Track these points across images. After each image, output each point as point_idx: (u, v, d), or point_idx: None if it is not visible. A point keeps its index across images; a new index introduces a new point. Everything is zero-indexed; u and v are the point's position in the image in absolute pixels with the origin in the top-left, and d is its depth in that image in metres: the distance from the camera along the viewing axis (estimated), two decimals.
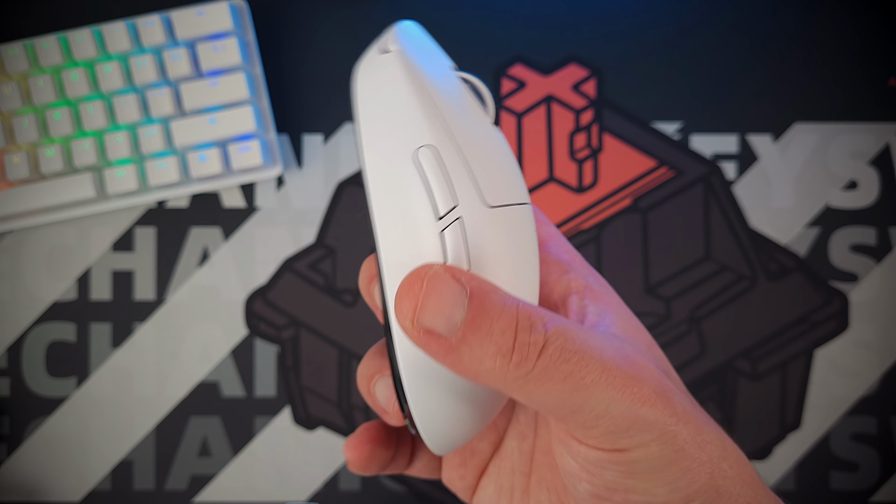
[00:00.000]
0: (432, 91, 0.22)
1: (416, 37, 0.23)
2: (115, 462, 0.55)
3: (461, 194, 0.21)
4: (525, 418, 0.28)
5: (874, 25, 0.56)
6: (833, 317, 0.56)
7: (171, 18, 0.53)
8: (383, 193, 0.21)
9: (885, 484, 0.55)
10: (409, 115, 0.21)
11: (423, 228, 0.21)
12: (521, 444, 0.27)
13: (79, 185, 0.54)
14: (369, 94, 0.22)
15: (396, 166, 0.21)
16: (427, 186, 0.21)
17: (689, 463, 0.22)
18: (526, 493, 0.27)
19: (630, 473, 0.22)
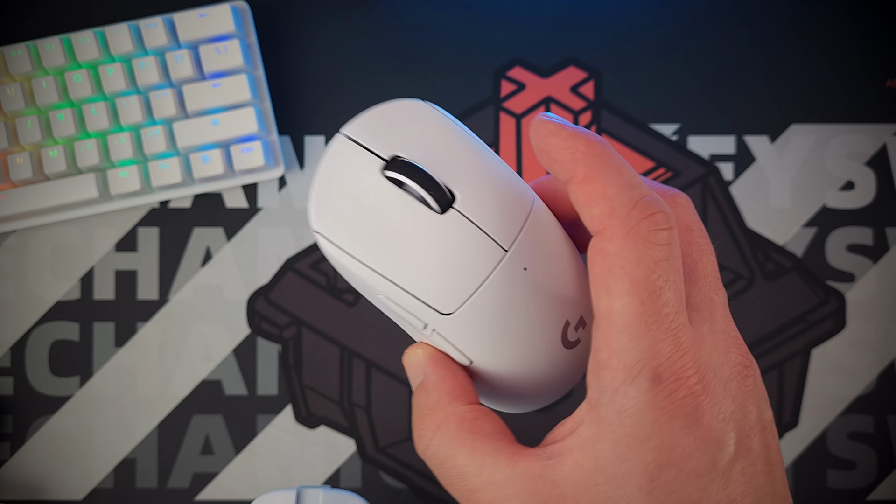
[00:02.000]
0: (361, 245, 0.23)
1: (335, 177, 0.24)
2: (117, 460, 0.56)
3: (422, 318, 0.24)
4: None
5: (871, 27, 0.57)
6: (830, 316, 0.56)
7: (174, 20, 0.54)
8: (390, 317, 0.26)
9: (882, 482, 0.55)
10: (355, 276, 0.24)
11: (422, 337, 0.25)
12: None
13: (82, 185, 0.54)
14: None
15: (378, 305, 0.25)
16: (399, 317, 0.25)
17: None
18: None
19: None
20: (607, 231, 0.22)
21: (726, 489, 0.21)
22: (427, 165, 0.23)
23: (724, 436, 0.21)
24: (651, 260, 0.21)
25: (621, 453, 0.21)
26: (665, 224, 0.22)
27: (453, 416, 0.24)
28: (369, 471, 0.56)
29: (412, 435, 0.25)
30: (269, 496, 0.42)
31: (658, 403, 0.21)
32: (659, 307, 0.21)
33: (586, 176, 0.22)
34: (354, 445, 0.56)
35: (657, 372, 0.21)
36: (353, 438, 0.56)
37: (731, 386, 0.22)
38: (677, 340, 0.21)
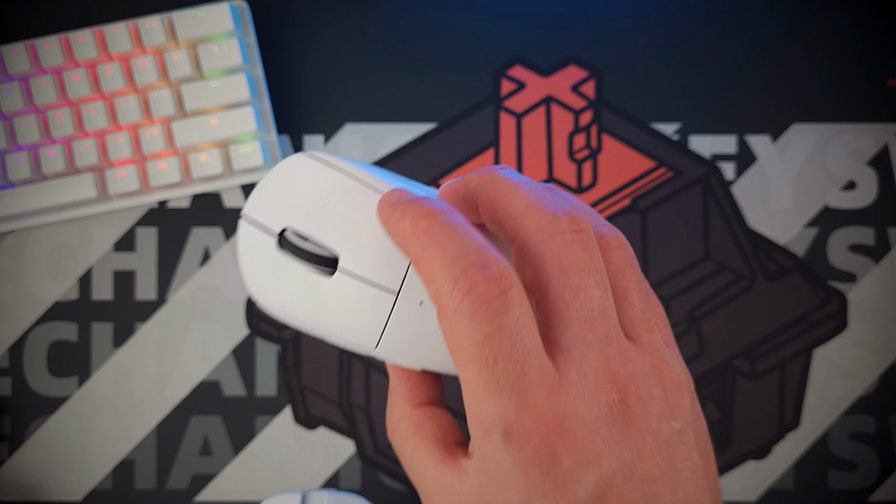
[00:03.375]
0: (290, 310, 0.27)
1: (249, 255, 0.27)
2: (116, 461, 0.56)
3: (360, 351, 0.27)
4: None
5: (873, 26, 0.56)
6: (831, 316, 0.56)
7: (173, 19, 0.54)
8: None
9: (884, 483, 0.55)
10: (301, 329, 0.28)
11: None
12: None
13: (80, 185, 0.54)
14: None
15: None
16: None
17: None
18: None
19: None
20: (439, 311, 0.23)
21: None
22: (311, 229, 0.26)
23: (583, 478, 0.22)
24: (479, 336, 0.22)
25: (492, 491, 0.23)
26: (493, 291, 0.22)
27: (403, 416, 0.27)
28: (369, 472, 0.56)
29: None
30: (275, 500, 0.42)
31: (511, 456, 0.22)
32: (496, 377, 0.22)
33: (416, 259, 0.23)
34: (354, 446, 0.56)
35: (507, 430, 0.22)
36: (353, 439, 0.56)
37: (601, 426, 0.22)
38: (524, 400, 0.22)
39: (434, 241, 0.23)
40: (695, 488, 0.23)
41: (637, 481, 0.22)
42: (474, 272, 0.22)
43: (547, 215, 0.24)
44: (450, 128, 0.57)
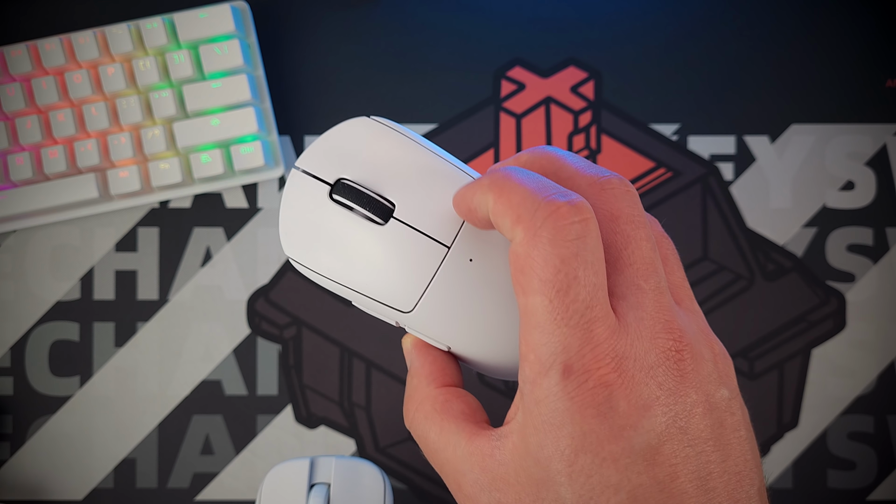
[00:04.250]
0: (324, 263, 0.27)
1: (294, 206, 0.27)
2: (117, 460, 0.56)
3: (390, 317, 0.27)
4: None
5: (871, 27, 0.57)
6: (830, 316, 0.56)
7: (174, 20, 0.54)
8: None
9: (883, 482, 0.56)
10: (329, 288, 0.27)
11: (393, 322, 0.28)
12: None
13: (82, 185, 0.54)
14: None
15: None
16: (375, 316, 0.28)
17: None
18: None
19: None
20: (517, 236, 0.23)
21: (652, 471, 0.22)
22: (369, 181, 0.26)
23: (640, 422, 0.22)
24: (557, 258, 0.22)
25: (541, 440, 0.22)
26: (573, 217, 0.22)
27: (428, 398, 0.26)
28: None
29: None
30: (283, 466, 0.42)
31: (568, 394, 0.22)
32: (567, 304, 0.22)
33: (495, 199, 0.24)
34: (354, 445, 0.56)
35: (567, 365, 0.22)
36: (353, 438, 0.56)
37: (658, 372, 0.22)
38: (588, 335, 0.22)
39: (514, 181, 0.23)
40: (744, 462, 0.23)
41: (689, 439, 0.22)
42: (557, 198, 0.22)
43: (597, 174, 0.25)
44: (450, 128, 0.57)
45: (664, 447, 0.22)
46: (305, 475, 0.42)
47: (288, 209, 0.27)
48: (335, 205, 0.26)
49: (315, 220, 0.26)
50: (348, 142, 0.27)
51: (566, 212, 0.22)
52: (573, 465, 0.22)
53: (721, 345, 0.25)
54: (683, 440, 0.22)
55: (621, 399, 0.22)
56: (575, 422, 0.22)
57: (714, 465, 0.22)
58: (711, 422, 0.23)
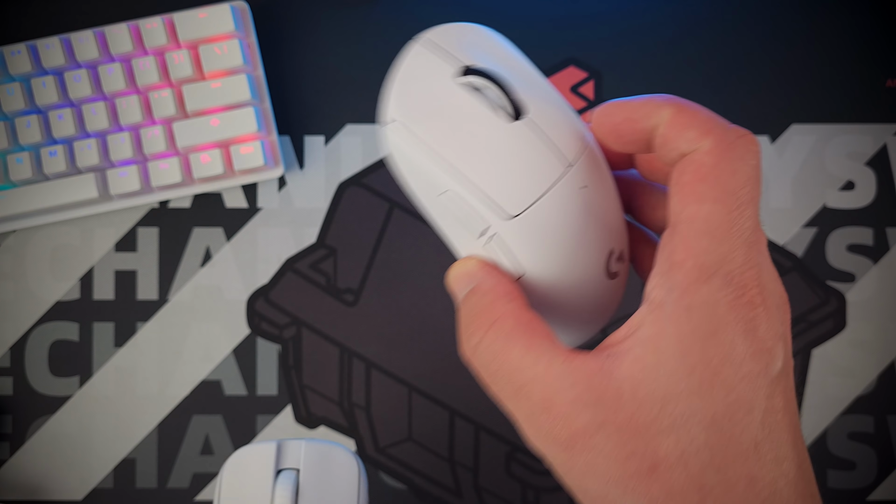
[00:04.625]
0: (437, 137, 0.24)
1: (413, 77, 0.25)
2: (117, 460, 0.56)
3: (486, 217, 0.24)
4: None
5: (871, 27, 0.57)
6: (830, 316, 0.56)
7: (174, 20, 0.54)
8: (444, 227, 0.26)
9: (883, 482, 0.56)
10: (425, 171, 0.25)
11: (474, 248, 0.26)
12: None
13: (82, 185, 0.54)
14: (395, 160, 0.26)
15: (436, 210, 0.26)
16: (459, 221, 0.25)
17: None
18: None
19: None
20: (704, 146, 0.23)
21: (772, 399, 0.22)
22: (504, 75, 0.25)
23: (775, 350, 0.22)
24: (745, 174, 0.23)
25: (686, 348, 0.22)
26: (756, 147, 0.23)
27: (510, 314, 0.24)
28: (369, 471, 0.56)
29: (458, 340, 0.25)
30: (247, 449, 0.38)
31: (727, 303, 0.22)
32: (742, 220, 0.22)
33: (676, 111, 0.24)
34: (354, 445, 0.56)
35: (730, 275, 0.22)
36: (353, 438, 0.56)
37: (780, 313, 0.23)
38: (749, 253, 0.22)
39: (694, 103, 0.24)
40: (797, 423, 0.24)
41: (790, 385, 0.23)
42: (741, 128, 0.23)
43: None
44: None
45: (781, 382, 0.22)
46: (272, 460, 0.38)
47: (406, 77, 0.25)
48: (463, 87, 0.25)
49: (437, 93, 0.25)
50: (474, 38, 0.26)
51: (753, 138, 0.23)
52: (717, 376, 0.22)
53: None
54: (789, 383, 0.23)
55: (762, 323, 0.22)
56: (727, 332, 0.22)
57: (795, 417, 0.23)
58: (792, 377, 0.23)
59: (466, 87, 0.25)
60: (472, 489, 0.56)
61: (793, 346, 0.56)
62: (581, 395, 0.22)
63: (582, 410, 0.22)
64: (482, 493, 0.56)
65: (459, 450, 0.56)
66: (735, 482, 0.21)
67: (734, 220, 0.22)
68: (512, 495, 0.55)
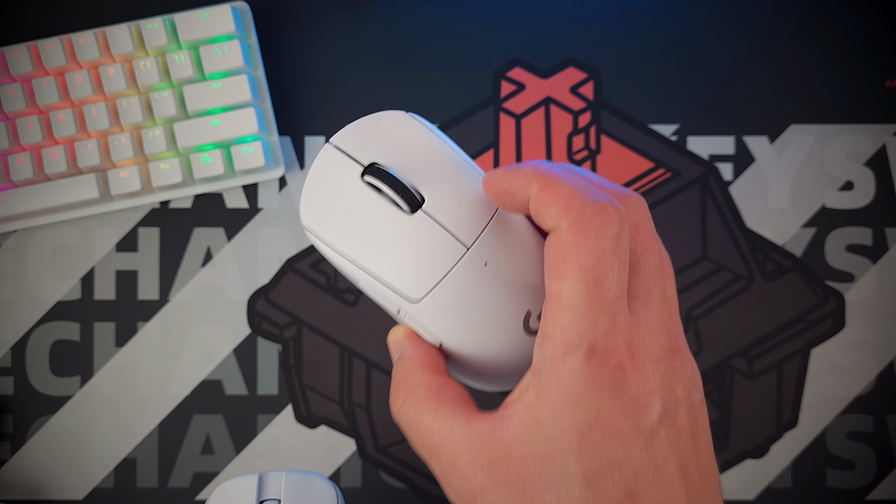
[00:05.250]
0: (341, 239, 0.27)
1: (320, 181, 0.28)
2: (118, 460, 0.56)
3: (395, 303, 0.27)
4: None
5: (871, 27, 0.57)
6: (829, 316, 0.56)
7: (175, 21, 0.54)
8: (375, 301, 0.29)
9: (882, 482, 0.56)
10: (338, 265, 0.28)
11: (397, 318, 0.29)
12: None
13: (83, 185, 0.54)
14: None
15: (363, 290, 0.28)
16: (377, 299, 0.28)
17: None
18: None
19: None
20: (563, 225, 0.25)
21: (649, 451, 0.24)
22: (401, 172, 0.27)
23: (648, 405, 0.24)
24: (599, 251, 0.24)
25: (557, 415, 0.24)
26: (615, 218, 0.25)
27: (422, 383, 0.27)
28: (369, 470, 0.56)
29: (389, 402, 0.28)
30: (230, 483, 0.41)
31: (591, 373, 0.24)
32: (602, 292, 0.24)
33: (541, 188, 0.25)
34: (354, 445, 0.56)
35: (593, 346, 0.24)
36: (353, 438, 0.56)
37: (660, 365, 0.25)
38: (614, 322, 0.24)
39: (561, 176, 0.25)
40: (711, 461, 0.26)
41: (677, 430, 0.24)
42: (602, 198, 0.25)
43: (619, 189, 0.27)
44: (450, 129, 0.57)
45: (660, 432, 0.24)
46: (254, 492, 0.40)
47: (314, 181, 0.27)
48: (365, 186, 0.27)
49: (341, 196, 0.27)
50: (383, 130, 0.28)
51: (612, 211, 0.24)
52: (585, 439, 0.24)
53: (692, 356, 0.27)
54: (673, 429, 0.24)
55: (633, 382, 0.24)
56: (593, 399, 0.24)
57: (691, 456, 0.25)
58: (691, 419, 0.25)
59: (366, 187, 0.27)
60: None
61: (790, 347, 0.56)
62: (477, 458, 0.25)
63: (478, 471, 0.25)
64: None
65: None
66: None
67: (593, 296, 0.24)
68: None
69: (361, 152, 0.27)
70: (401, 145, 0.27)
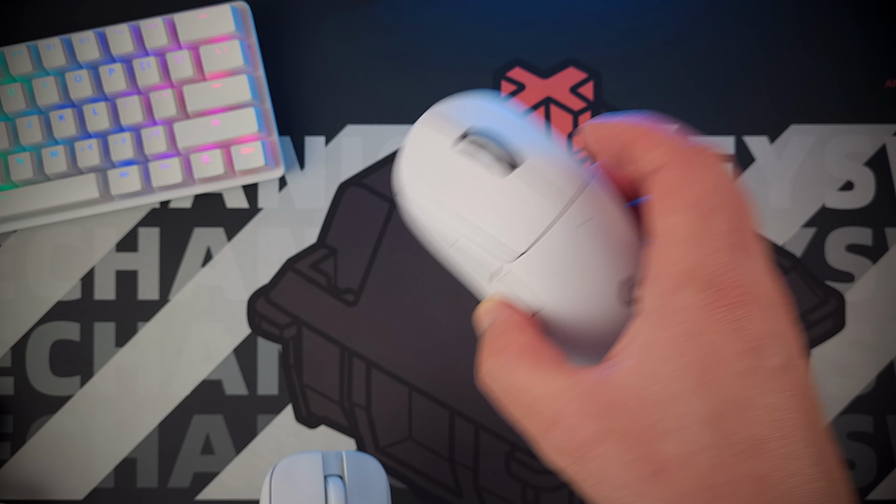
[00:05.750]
0: (446, 194, 0.27)
1: (419, 148, 0.28)
2: (118, 460, 0.56)
3: (495, 258, 0.27)
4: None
5: (871, 27, 0.57)
6: (829, 316, 0.56)
7: (175, 21, 0.54)
8: (464, 273, 0.29)
9: (882, 482, 0.56)
10: (438, 224, 0.28)
11: (493, 288, 0.28)
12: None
13: (83, 185, 0.54)
14: (413, 219, 0.29)
15: (454, 259, 0.28)
16: (474, 265, 0.28)
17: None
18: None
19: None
20: (670, 162, 0.24)
21: (774, 396, 0.22)
22: (497, 137, 0.27)
23: (769, 347, 0.22)
24: (706, 184, 0.24)
25: (675, 351, 0.22)
26: (717, 158, 0.24)
27: (517, 340, 0.26)
28: None
29: (477, 368, 0.27)
30: (294, 458, 0.43)
31: (708, 305, 0.22)
32: (713, 224, 0.23)
33: (641, 132, 0.25)
34: (354, 445, 0.56)
35: (709, 278, 0.23)
36: (354, 438, 0.56)
37: (777, 311, 0.23)
38: (725, 257, 0.23)
39: (659, 123, 0.25)
40: (829, 435, 0.24)
41: (801, 382, 0.23)
42: (703, 141, 0.24)
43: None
44: None
45: (784, 379, 0.22)
46: (319, 467, 0.42)
47: (414, 148, 0.28)
48: (465, 149, 0.27)
49: (443, 159, 0.27)
50: (471, 106, 0.29)
51: (710, 151, 0.24)
52: (706, 377, 0.22)
53: None
54: (797, 380, 0.22)
55: (752, 321, 0.22)
56: (712, 333, 0.22)
57: (814, 416, 0.22)
58: (807, 377, 0.23)
59: (466, 149, 0.27)
60: (472, 488, 0.56)
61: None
62: (584, 407, 0.23)
63: (586, 421, 0.23)
64: (482, 493, 0.56)
65: (459, 449, 0.56)
66: (740, 481, 0.21)
67: (705, 227, 0.23)
68: (512, 495, 0.56)
69: (455, 123, 0.28)
70: (493, 117, 0.28)
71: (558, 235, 0.26)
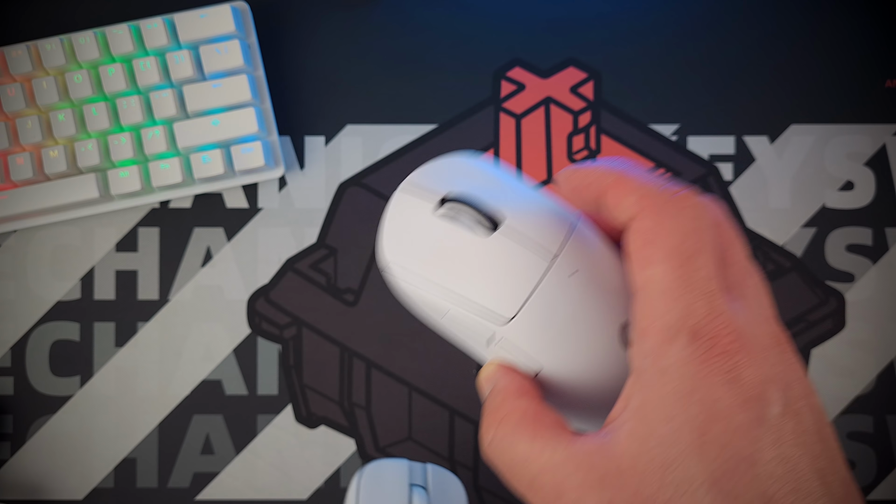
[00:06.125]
0: (428, 270, 0.27)
1: (398, 220, 0.28)
2: (118, 460, 0.56)
3: (488, 325, 0.26)
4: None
5: (871, 27, 0.57)
6: (829, 316, 0.56)
7: (174, 21, 0.54)
8: (461, 342, 0.29)
9: (882, 482, 0.56)
10: (425, 299, 0.27)
11: (491, 354, 0.28)
12: None
13: (83, 185, 0.54)
14: (400, 296, 0.28)
15: (448, 329, 0.28)
16: (469, 334, 0.28)
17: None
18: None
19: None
20: (642, 211, 0.24)
21: (779, 448, 0.21)
22: (475, 199, 0.27)
23: (766, 394, 0.21)
24: (683, 230, 0.23)
25: (668, 411, 0.21)
26: (692, 201, 0.24)
27: (516, 409, 0.25)
28: None
29: (478, 439, 0.27)
30: (381, 464, 0.43)
31: (698, 359, 0.22)
32: (693, 271, 0.22)
33: (616, 179, 0.24)
34: (354, 445, 0.56)
35: (694, 329, 0.22)
36: (353, 438, 0.56)
37: (770, 354, 0.22)
38: (712, 303, 0.22)
39: (632, 168, 0.25)
40: (848, 474, 0.23)
41: (804, 428, 0.22)
42: (677, 186, 0.24)
43: (693, 188, 0.26)
44: (450, 129, 0.57)
45: (786, 426, 0.21)
46: (405, 475, 0.42)
47: (393, 222, 0.28)
48: (443, 219, 0.27)
49: (420, 230, 0.27)
50: (450, 169, 0.28)
51: (689, 194, 0.24)
52: (705, 436, 0.21)
53: None
54: (799, 426, 0.21)
55: (745, 370, 0.21)
56: (706, 387, 0.21)
57: (826, 462, 0.22)
58: (815, 420, 0.22)
59: (446, 214, 0.27)
60: (472, 489, 0.56)
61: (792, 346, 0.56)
62: (586, 478, 0.22)
63: (588, 492, 0.22)
64: (482, 493, 0.56)
65: (459, 449, 0.56)
66: None
67: (685, 275, 0.22)
68: (512, 495, 0.56)
69: (432, 189, 0.27)
70: (469, 179, 0.28)
71: (547, 293, 0.26)
